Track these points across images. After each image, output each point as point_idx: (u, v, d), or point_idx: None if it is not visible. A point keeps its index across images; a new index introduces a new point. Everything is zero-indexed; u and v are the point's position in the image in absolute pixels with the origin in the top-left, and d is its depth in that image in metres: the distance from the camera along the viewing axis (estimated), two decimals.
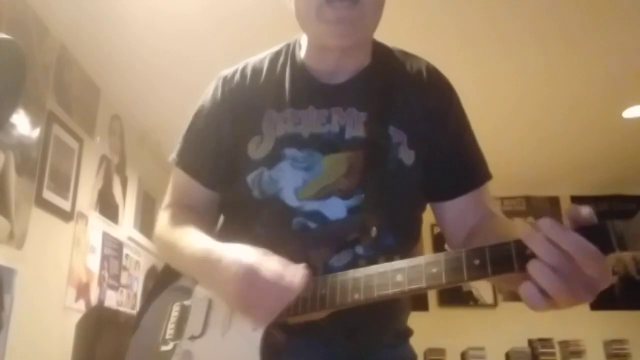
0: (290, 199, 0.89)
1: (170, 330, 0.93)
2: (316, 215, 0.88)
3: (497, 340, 4.23)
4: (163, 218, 1.02)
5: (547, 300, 0.60)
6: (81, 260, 2.67)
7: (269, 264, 0.78)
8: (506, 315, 4.35)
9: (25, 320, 2.14)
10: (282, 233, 0.88)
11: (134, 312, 3.35)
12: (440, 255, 0.69)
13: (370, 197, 0.88)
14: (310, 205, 0.89)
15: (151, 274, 3.72)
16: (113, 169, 3.15)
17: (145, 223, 3.69)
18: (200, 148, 1.01)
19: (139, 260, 3.51)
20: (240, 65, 1.03)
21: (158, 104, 3.20)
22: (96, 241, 2.87)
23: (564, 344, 4.24)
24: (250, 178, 0.92)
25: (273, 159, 0.92)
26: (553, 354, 4.24)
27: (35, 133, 2.29)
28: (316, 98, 0.95)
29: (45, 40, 2.40)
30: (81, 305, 2.64)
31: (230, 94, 1.00)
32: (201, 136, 1.01)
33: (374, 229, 0.84)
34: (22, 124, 2.19)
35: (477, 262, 0.65)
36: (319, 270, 0.82)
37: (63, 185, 2.52)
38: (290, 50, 1.02)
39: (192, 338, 0.88)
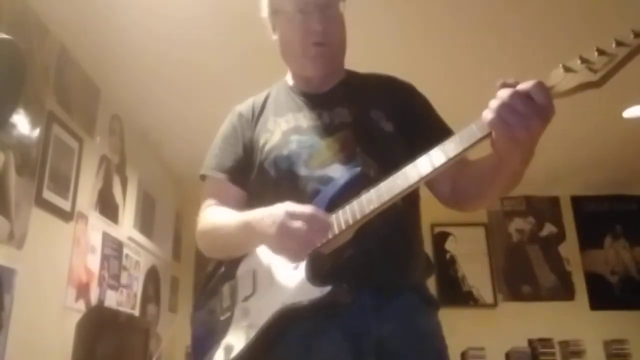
0: (301, 169, 1.13)
1: (225, 303, 1.13)
2: (325, 179, 1.10)
3: (497, 340, 4.22)
4: (202, 218, 1.23)
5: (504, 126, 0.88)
6: (81, 260, 2.67)
7: (303, 207, 0.98)
8: (506, 315, 4.34)
9: (25, 320, 2.14)
10: (299, 201, 1.03)
11: (134, 312, 3.35)
12: (422, 155, 0.94)
13: (365, 157, 1.12)
14: (318, 172, 1.12)
15: (151, 274, 3.72)
16: (113, 169, 3.15)
17: (145, 223, 3.69)
18: (227, 155, 1.26)
19: (139, 260, 3.51)
20: (248, 101, 1.34)
21: (158, 104, 3.20)
22: (96, 241, 2.87)
23: (564, 344, 4.24)
24: (267, 163, 1.17)
25: (282, 144, 1.18)
26: (553, 354, 4.23)
27: (35, 133, 2.29)
28: (307, 104, 1.24)
29: (45, 40, 2.40)
30: (81, 305, 2.64)
31: (243, 117, 1.29)
32: (226, 148, 1.27)
33: (372, 171, 1.08)
34: (22, 124, 2.19)
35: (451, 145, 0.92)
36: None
37: (63, 185, 2.52)
38: (281, 83, 1.34)
39: (246, 298, 1.09)
